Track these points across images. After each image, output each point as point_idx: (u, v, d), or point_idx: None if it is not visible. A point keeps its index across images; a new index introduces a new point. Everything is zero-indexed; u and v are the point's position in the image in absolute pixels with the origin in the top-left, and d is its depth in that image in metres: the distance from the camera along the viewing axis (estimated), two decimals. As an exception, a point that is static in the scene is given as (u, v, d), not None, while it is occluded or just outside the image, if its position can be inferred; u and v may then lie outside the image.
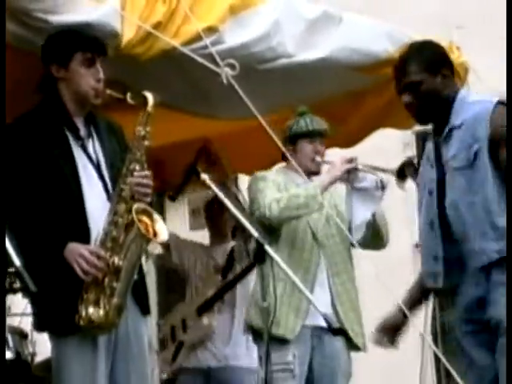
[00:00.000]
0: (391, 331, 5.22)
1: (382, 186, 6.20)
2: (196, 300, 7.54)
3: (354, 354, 6.43)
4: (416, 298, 5.19)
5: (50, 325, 5.17)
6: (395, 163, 6.08)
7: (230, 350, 7.36)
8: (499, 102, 4.86)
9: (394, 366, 5.27)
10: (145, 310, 5.31)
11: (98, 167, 5.19)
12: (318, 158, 6.24)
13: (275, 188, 6.11)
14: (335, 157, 6.75)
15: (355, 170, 6.20)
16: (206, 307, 7.39)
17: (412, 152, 8.34)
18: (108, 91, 5.17)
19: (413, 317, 5.14)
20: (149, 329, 5.47)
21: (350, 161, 6.21)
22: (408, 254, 7.54)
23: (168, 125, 5.90)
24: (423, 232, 5.04)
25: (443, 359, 4.84)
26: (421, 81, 4.94)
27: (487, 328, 4.83)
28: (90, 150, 5.20)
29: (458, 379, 4.79)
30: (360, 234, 6.33)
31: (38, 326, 5.53)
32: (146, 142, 5.16)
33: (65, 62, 5.19)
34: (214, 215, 7.48)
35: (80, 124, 5.22)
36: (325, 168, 6.31)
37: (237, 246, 7.41)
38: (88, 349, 5.05)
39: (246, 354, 7.31)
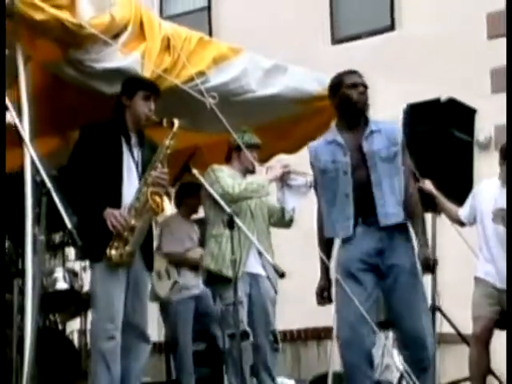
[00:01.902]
0: (320, 295, 5.10)
1: (310, 185, 6.20)
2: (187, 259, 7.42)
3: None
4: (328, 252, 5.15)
5: (90, 257, 5.32)
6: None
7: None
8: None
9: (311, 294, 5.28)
10: (149, 267, 5.43)
11: (136, 166, 5.32)
12: (255, 163, 6.24)
13: (230, 177, 6.08)
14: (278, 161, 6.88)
15: (289, 173, 6.24)
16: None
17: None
18: (153, 117, 5.30)
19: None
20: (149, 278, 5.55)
21: (286, 166, 6.27)
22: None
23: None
24: (338, 200, 4.98)
25: (349, 292, 4.77)
26: (364, 85, 5.06)
27: (376, 270, 4.89)
28: (135, 153, 5.34)
29: (359, 305, 4.75)
30: (289, 216, 6.45)
31: (83, 258, 5.69)
32: (168, 151, 5.33)
33: (131, 95, 5.31)
34: (190, 198, 7.28)
35: (133, 136, 5.36)
36: (263, 169, 6.35)
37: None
38: (111, 276, 5.15)
39: None
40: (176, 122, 5.31)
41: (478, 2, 10.90)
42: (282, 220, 6.49)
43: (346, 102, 5.04)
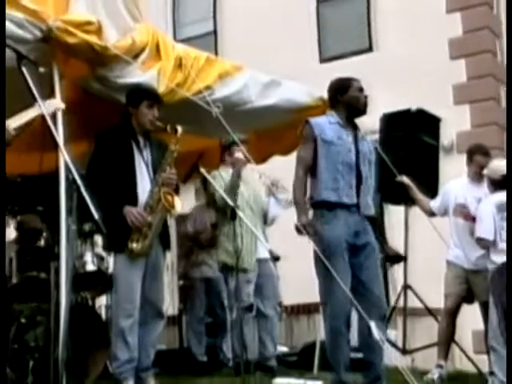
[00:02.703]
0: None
1: (290, 203, 6.07)
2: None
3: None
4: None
5: (114, 248, 5.28)
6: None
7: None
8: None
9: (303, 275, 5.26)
10: (166, 247, 5.37)
11: (147, 165, 5.24)
12: (248, 155, 6.11)
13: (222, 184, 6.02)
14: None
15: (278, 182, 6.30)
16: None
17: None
18: (157, 123, 5.24)
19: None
20: (165, 259, 5.49)
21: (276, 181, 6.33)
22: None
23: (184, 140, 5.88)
24: (343, 170, 4.85)
25: (330, 268, 4.69)
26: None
27: (351, 248, 4.82)
28: (144, 154, 5.25)
29: (339, 280, 4.70)
30: (271, 220, 6.47)
31: (108, 249, 5.67)
32: (175, 154, 5.24)
33: (136, 104, 5.24)
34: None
35: (140, 139, 5.27)
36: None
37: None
38: (131, 264, 5.12)
39: None
40: (179, 128, 5.23)
41: (441, 29, 11.11)
42: (264, 220, 6.49)
43: (355, 102, 4.96)
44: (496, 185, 5.76)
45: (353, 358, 4.87)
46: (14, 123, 3.86)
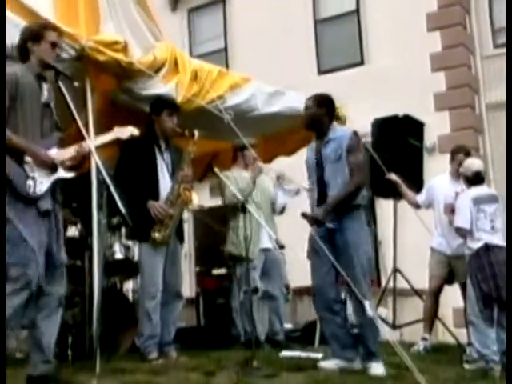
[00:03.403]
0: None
1: (297, 193, 6.24)
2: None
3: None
4: None
5: (138, 237, 5.27)
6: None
7: None
8: (353, 132, 4.86)
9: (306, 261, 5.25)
10: (181, 240, 5.38)
11: (167, 166, 5.25)
12: (257, 157, 6.06)
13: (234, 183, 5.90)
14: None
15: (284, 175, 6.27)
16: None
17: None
18: (177, 129, 5.25)
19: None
20: (182, 249, 5.48)
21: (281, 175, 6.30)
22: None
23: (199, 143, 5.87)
24: (312, 185, 4.94)
25: (330, 254, 4.69)
26: (308, 107, 4.96)
27: (330, 241, 4.76)
28: (165, 156, 5.27)
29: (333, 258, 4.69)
30: (279, 209, 6.44)
31: (131, 238, 5.66)
32: (192, 155, 5.25)
33: (158, 113, 5.25)
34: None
35: (162, 143, 5.28)
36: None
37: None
38: (154, 252, 5.13)
39: None
40: (196, 132, 5.23)
41: (423, 46, 11.11)
42: (273, 209, 6.46)
43: None
44: (470, 181, 5.74)
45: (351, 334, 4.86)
46: (96, 142, 4.19)
